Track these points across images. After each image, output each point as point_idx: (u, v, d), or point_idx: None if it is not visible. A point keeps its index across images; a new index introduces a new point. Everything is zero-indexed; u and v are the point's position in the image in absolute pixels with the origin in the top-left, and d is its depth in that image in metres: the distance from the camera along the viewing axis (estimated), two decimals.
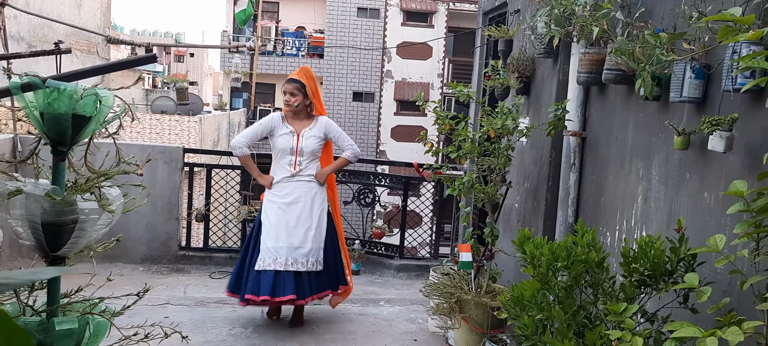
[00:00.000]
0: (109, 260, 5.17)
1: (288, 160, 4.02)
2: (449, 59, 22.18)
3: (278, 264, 3.91)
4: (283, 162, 4.03)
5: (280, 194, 4.02)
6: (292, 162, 4.01)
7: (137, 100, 22.76)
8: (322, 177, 4.09)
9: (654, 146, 2.97)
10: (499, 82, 4.42)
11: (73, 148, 1.77)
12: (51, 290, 1.74)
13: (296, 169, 4.01)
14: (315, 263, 4.00)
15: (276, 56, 22.87)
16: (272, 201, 4.03)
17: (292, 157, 4.01)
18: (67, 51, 1.85)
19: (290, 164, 4.02)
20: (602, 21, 3.10)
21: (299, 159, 4.01)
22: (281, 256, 3.93)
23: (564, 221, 3.76)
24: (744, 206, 1.90)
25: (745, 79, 2.14)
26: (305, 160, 4.02)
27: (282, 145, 4.01)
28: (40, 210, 1.67)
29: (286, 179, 4.02)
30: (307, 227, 4.00)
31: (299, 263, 3.95)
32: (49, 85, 1.64)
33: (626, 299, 2.26)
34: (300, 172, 4.02)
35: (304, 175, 4.03)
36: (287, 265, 3.93)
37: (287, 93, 4.03)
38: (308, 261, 3.98)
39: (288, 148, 4.00)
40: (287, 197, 4.00)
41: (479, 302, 3.70)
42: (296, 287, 3.93)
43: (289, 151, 4.01)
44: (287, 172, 4.01)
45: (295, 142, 4.00)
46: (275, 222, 3.98)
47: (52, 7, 8.60)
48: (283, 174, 4.03)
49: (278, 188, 4.03)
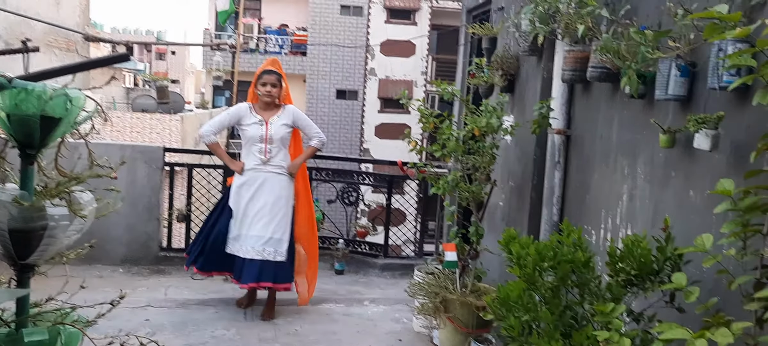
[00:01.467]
0: (88, 262, 5.06)
1: (258, 148, 4.11)
2: (433, 57, 22.18)
3: (243, 251, 4.10)
4: (253, 150, 4.12)
5: (249, 182, 4.13)
6: (262, 150, 4.11)
7: (118, 98, 22.47)
8: (293, 169, 4.24)
9: (639, 144, 2.96)
10: (484, 80, 4.39)
11: (43, 151, 1.69)
12: (20, 300, 1.67)
13: (266, 157, 4.11)
14: (274, 253, 4.10)
15: (259, 54, 22.67)
16: (241, 187, 4.14)
17: (262, 145, 4.11)
18: (36, 49, 1.77)
19: (260, 152, 4.11)
20: (587, 18, 3.08)
21: (269, 146, 4.11)
22: (246, 244, 4.10)
23: (549, 219, 3.74)
24: (731, 205, 1.88)
25: (732, 77, 2.13)
26: (275, 148, 4.13)
27: (251, 133, 4.11)
28: (8, 216, 1.59)
29: (257, 166, 4.13)
30: (272, 217, 4.11)
31: (265, 252, 4.09)
32: (15, 85, 1.57)
33: (613, 299, 2.23)
34: (270, 160, 4.12)
35: (275, 165, 4.14)
36: (252, 253, 4.09)
37: (268, 85, 4.13)
38: (265, 250, 4.09)
39: (257, 137, 4.11)
40: (256, 185, 4.12)
41: (464, 302, 3.67)
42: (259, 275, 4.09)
43: (259, 139, 4.11)
44: (257, 160, 4.12)
45: (264, 130, 4.10)
46: (243, 209, 4.12)
47: (29, 5, 8.42)
48: (253, 162, 4.13)
49: (248, 175, 4.14)
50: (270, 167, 4.14)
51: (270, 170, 4.14)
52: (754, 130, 2.16)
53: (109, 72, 14.47)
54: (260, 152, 4.12)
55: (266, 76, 4.15)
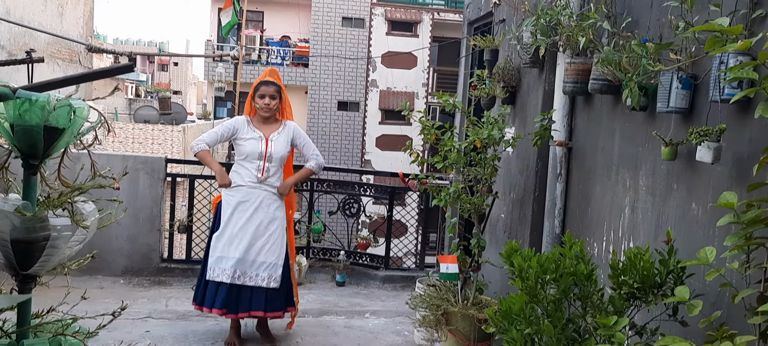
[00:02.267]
0: (89, 273, 5.06)
1: (256, 166, 3.81)
2: (434, 69, 22.22)
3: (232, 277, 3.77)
4: (250, 167, 3.82)
5: (244, 200, 3.81)
6: (260, 168, 3.80)
7: (120, 109, 22.54)
8: (285, 189, 3.91)
9: (641, 157, 2.96)
10: (485, 91, 4.40)
11: (46, 161, 1.69)
12: (21, 311, 1.67)
13: (263, 176, 3.81)
14: (268, 280, 3.81)
15: (260, 65, 22.75)
16: (234, 206, 3.81)
17: (260, 163, 3.81)
18: (40, 60, 1.78)
19: (258, 170, 3.80)
20: (588, 31, 3.09)
21: (267, 165, 3.81)
22: (238, 268, 3.77)
23: (551, 231, 3.73)
24: (734, 218, 1.88)
25: (733, 89, 2.13)
26: (273, 167, 3.84)
27: (250, 149, 3.80)
28: (10, 226, 1.59)
29: (252, 183, 3.82)
30: (266, 240, 3.82)
31: (258, 277, 3.80)
32: (19, 96, 1.58)
33: (615, 312, 2.22)
34: (267, 179, 3.83)
35: (270, 184, 3.85)
36: (244, 279, 3.79)
37: (267, 96, 3.85)
38: (261, 276, 3.80)
39: (256, 153, 3.80)
40: (251, 205, 3.80)
41: (466, 314, 3.66)
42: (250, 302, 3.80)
43: (257, 156, 3.80)
44: (253, 177, 3.81)
45: (263, 147, 3.81)
46: (235, 231, 3.79)
47: (33, 16, 8.48)
48: (247, 179, 3.82)
49: (243, 193, 3.82)
50: (265, 187, 3.84)
51: (265, 189, 3.84)
52: (757, 143, 2.16)
53: (112, 82, 14.51)
54: (257, 170, 3.81)
55: (264, 88, 3.87)
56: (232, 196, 3.84)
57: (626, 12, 3.08)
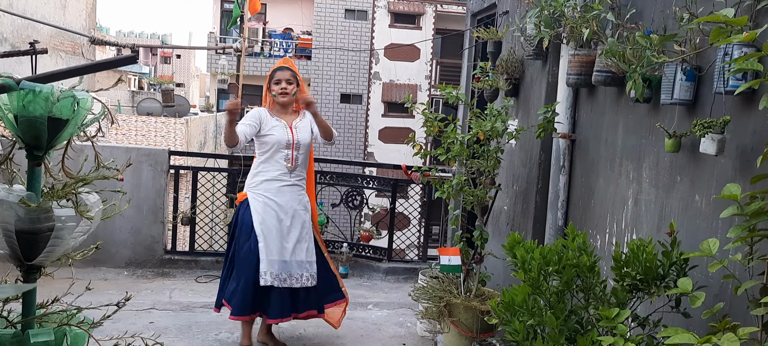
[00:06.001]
0: (93, 264, 5.09)
1: (284, 155, 3.62)
2: (437, 61, 22.19)
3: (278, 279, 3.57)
4: (278, 157, 3.63)
5: (277, 198, 3.62)
6: (288, 157, 3.63)
7: (123, 101, 22.56)
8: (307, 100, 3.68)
9: (644, 149, 2.95)
10: (488, 83, 4.39)
11: (50, 152, 1.70)
12: (26, 301, 1.68)
13: (293, 165, 3.64)
14: (309, 278, 3.66)
15: (263, 58, 22.75)
16: (268, 205, 3.61)
17: (289, 152, 3.63)
18: (43, 51, 1.78)
19: (287, 159, 3.62)
20: (592, 22, 3.08)
21: (296, 153, 3.64)
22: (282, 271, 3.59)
23: (554, 223, 3.73)
24: (737, 210, 1.87)
25: (738, 81, 2.12)
26: (301, 155, 3.67)
27: (277, 138, 3.60)
28: (15, 217, 1.60)
29: (282, 175, 3.63)
30: (302, 238, 3.67)
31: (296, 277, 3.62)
32: (23, 87, 1.58)
33: (618, 304, 2.22)
34: (296, 167, 3.66)
35: (298, 175, 3.69)
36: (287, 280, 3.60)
37: (283, 81, 3.67)
38: (302, 276, 3.64)
39: (284, 142, 3.61)
40: (284, 203, 3.62)
41: (469, 306, 3.67)
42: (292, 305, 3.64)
43: (286, 145, 3.62)
44: (283, 168, 3.62)
45: (290, 135, 3.63)
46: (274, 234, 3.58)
47: (36, 8, 8.47)
48: (277, 171, 3.63)
49: (275, 190, 3.63)
50: (294, 177, 3.66)
51: (294, 181, 3.67)
52: (761, 135, 2.15)
53: (116, 74, 14.52)
54: (287, 159, 3.62)
55: (279, 73, 3.70)
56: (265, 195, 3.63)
57: (630, 3, 3.07)
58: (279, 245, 3.59)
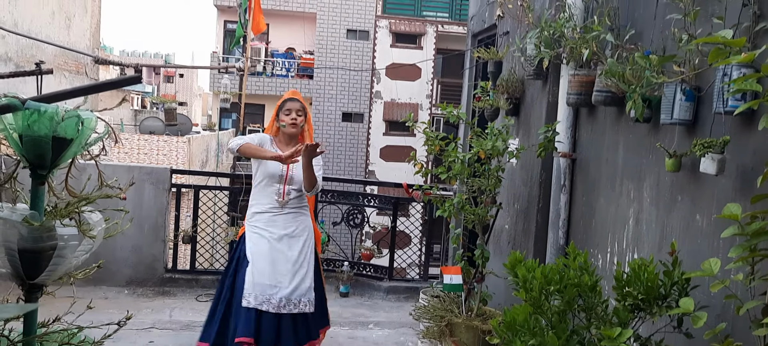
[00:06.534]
0: (94, 283, 5.07)
1: (275, 189, 3.56)
2: (438, 80, 22.28)
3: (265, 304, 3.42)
4: (269, 190, 3.57)
5: (269, 227, 3.54)
6: (279, 192, 3.55)
7: (126, 120, 22.64)
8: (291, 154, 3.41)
9: (645, 168, 2.96)
10: (489, 103, 4.41)
11: (54, 171, 1.71)
12: (27, 320, 1.68)
13: (284, 199, 3.55)
14: (307, 304, 3.52)
15: (266, 77, 22.87)
16: (260, 234, 3.54)
17: (280, 186, 3.56)
18: (49, 72, 1.80)
19: (278, 194, 3.55)
20: (592, 43, 3.10)
21: (288, 188, 3.56)
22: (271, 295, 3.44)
23: (555, 242, 3.73)
24: (738, 230, 1.88)
25: (737, 101, 2.14)
26: (294, 190, 3.57)
27: (271, 170, 3.55)
28: (18, 236, 1.61)
29: (273, 208, 3.56)
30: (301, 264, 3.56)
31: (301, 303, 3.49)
32: (28, 107, 1.59)
33: (620, 324, 2.22)
34: (288, 202, 3.56)
35: (293, 207, 3.60)
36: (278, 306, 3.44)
37: (294, 112, 3.61)
38: (300, 301, 3.49)
39: (277, 175, 3.55)
40: (277, 230, 3.54)
41: (470, 325, 3.65)
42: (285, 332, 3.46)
43: (278, 179, 3.56)
44: (273, 202, 3.56)
45: (284, 169, 3.54)
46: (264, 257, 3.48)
47: (40, 28, 8.54)
48: (268, 204, 3.57)
49: (265, 220, 3.55)
50: (286, 210, 3.57)
51: (290, 211, 3.58)
52: (761, 155, 2.16)
53: (119, 94, 14.60)
54: (278, 194, 3.55)
55: (290, 104, 3.62)
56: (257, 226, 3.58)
57: (629, 24, 3.09)
58: (270, 269, 3.47)
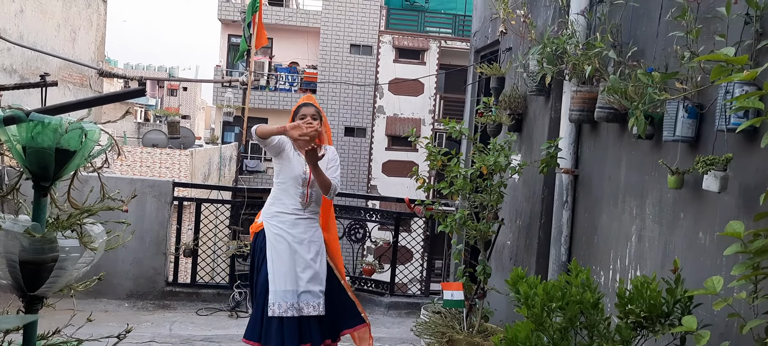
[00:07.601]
0: (94, 295, 5.06)
1: (300, 192, 3.59)
2: (440, 96, 22.35)
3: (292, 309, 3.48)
4: (293, 192, 3.60)
5: (291, 230, 3.58)
6: (303, 194, 3.59)
7: (129, 133, 22.73)
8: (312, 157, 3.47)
9: (647, 185, 2.95)
10: (491, 119, 4.42)
11: (56, 183, 1.71)
12: (28, 332, 1.67)
13: (307, 202, 3.60)
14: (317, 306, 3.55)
15: (269, 91, 22.98)
16: (282, 236, 3.57)
17: (304, 190, 3.60)
18: (53, 84, 1.81)
19: (302, 196, 3.59)
20: (594, 59, 3.11)
21: (311, 191, 3.60)
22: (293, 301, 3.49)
23: (557, 259, 3.71)
24: (741, 248, 1.87)
25: (739, 119, 2.14)
26: (315, 192, 3.62)
27: (295, 171, 3.58)
28: (19, 247, 1.61)
29: (296, 209, 3.59)
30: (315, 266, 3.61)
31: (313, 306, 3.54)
32: (32, 119, 1.60)
33: (622, 342, 2.20)
34: (310, 205, 3.62)
35: (311, 210, 3.65)
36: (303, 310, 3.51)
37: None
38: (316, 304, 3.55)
39: (301, 177, 3.58)
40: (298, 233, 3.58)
41: (471, 342, 3.63)
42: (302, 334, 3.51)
43: (302, 182, 3.59)
44: (297, 203, 3.59)
45: (307, 171, 3.57)
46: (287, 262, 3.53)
47: (46, 40, 8.61)
48: (293, 205, 3.60)
49: (290, 223, 3.58)
50: (307, 213, 3.62)
51: (308, 215, 3.63)
52: (763, 172, 2.16)
53: (123, 107, 14.65)
54: (302, 196, 3.58)
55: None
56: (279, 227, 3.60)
57: (632, 41, 3.10)
58: (293, 275, 3.52)
